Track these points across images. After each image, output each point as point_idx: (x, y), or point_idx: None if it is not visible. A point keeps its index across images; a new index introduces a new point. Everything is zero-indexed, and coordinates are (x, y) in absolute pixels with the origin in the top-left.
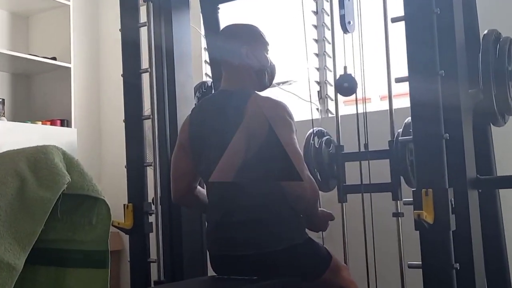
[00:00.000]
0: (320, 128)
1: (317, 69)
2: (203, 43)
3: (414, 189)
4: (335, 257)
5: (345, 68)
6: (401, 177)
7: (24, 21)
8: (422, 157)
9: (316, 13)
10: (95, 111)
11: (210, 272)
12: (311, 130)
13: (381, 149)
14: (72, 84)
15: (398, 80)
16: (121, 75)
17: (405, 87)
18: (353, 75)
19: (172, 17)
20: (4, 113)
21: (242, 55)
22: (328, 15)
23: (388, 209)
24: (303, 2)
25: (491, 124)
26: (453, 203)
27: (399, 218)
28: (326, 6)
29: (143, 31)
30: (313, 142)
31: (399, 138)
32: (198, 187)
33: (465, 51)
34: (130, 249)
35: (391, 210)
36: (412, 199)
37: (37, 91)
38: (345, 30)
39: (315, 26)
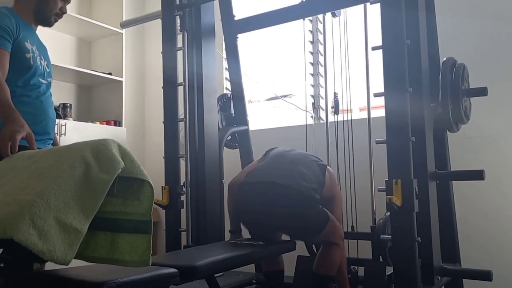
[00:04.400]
0: None
1: (312, 85)
2: (225, 64)
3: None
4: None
5: (335, 94)
6: None
7: (87, 44)
8: (393, 154)
9: (312, 42)
10: (140, 114)
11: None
12: None
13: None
14: (123, 93)
15: (376, 95)
16: (162, 87)
17: (380, 101)
18: (339, 92)
19: (202, 44)
20: (71, 115)
21: None
22: (322, 44)
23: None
24: (304, 35)
25: (447, 131)
26: (416, 190)
27: None
28: (320, 37)
29: (179, 54)
30: None
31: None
32: None
33: (428, 73)
34: (166, 221)
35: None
36: (385, 187)
37: (96, 98)
38: (333, 15)
39: (311, 52)
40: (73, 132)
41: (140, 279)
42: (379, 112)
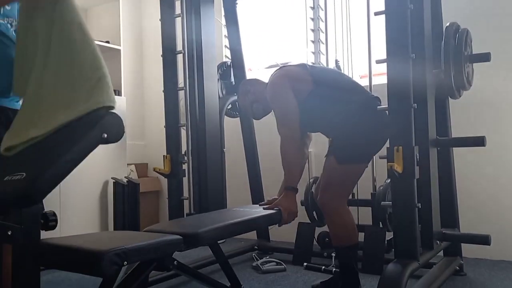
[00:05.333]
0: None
1: (313, 52)
2: (224, 31)
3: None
4: None
5: (336, 61)
6: None
7: (83, 12)
8: (395, 122)
9: (313, 8)
10: (139, 83)
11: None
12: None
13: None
14: (121, 62)
15: (379, 62)
16: (161, 56)
17: (381, 67)
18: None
19: (201, 10)
20: None
21: None
22: (322, 10)
23: None
24: (306, 2)
25: (449, 97)
26: (417, 157)
27: None
28: (321, 3)
29: (177, 21)
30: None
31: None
32: None
33: (431, 39)
34: (168, 190)
35: None
36: (386, 155)
37: None
38: None
39: (312, 19)
40: None
41: (146, 245)
42: (380, 79)
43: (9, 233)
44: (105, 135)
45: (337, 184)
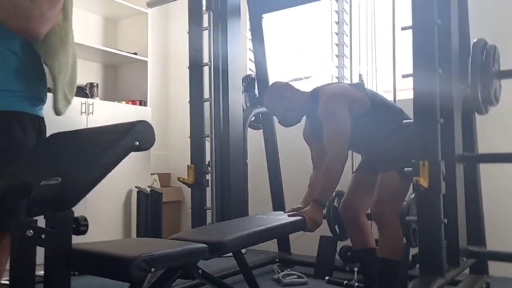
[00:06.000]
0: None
1: (337, 67)
2: (248, 45)
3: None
4: None
5: (360, 75)
6: None
7: (113, 24)
8: (421, 136)
9: (337, 23)
10: (164, 94)
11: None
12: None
13: None
14: (148, 73)
15: (405, 76)
16: (187, 67)
17: (405, 83)
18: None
19: (227, 24)
20: (98, 94)
21: None
22: (347, 25)
23: None
24: (331, 16)
25: (476, 112)
26: (444, 172)
27: None
28: (346, 17)
29: (205, 34)
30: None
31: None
32: None
33: (458, 54)
34: (192, 199)
35: None
36: (411, 169)
37: (122, 78)
38: None
39: (336, 33)
40: (99, 110)
41: (173, 253)
42: (404, 94)
43: (43, 237)
44: (137, 143)
45: (398, 199)
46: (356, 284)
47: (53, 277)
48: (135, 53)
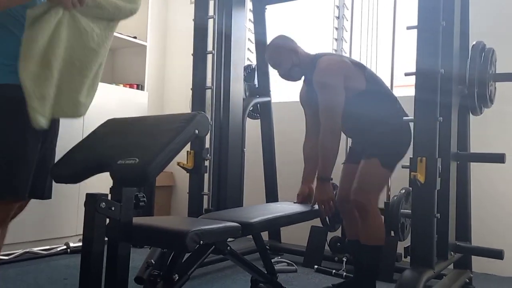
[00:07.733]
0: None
1: None
2: (248, 35)
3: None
4: None
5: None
6: None
7: None
8: (420, 133)
9: (337, 18)
10: (161, 81)
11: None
12: None
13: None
14: (147, 58)
15: (407, 74)
16: (192, 54)
17: (403, 79)
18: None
19: (232, 13)
20: None
21: None
22: (347, 20)
23: None
24: (334, 10)
25: (470, 113)
26: (440, 169)
27: None
28: (346, 13)
29: (210, 22)
30: None
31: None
32: None
33: (459, 55)
34: (190, 185)
35: None
36: (408, 164)
37: (120, 61)
38: None
39: (336, 28)
40: (96, 93)
41: (216, 229)
42: (402, 91)
43: (113, 209)
44: (197, 131)
45: (378, 186)
46: (344, 273)
47: (117, 247)
48: (135, 37)
